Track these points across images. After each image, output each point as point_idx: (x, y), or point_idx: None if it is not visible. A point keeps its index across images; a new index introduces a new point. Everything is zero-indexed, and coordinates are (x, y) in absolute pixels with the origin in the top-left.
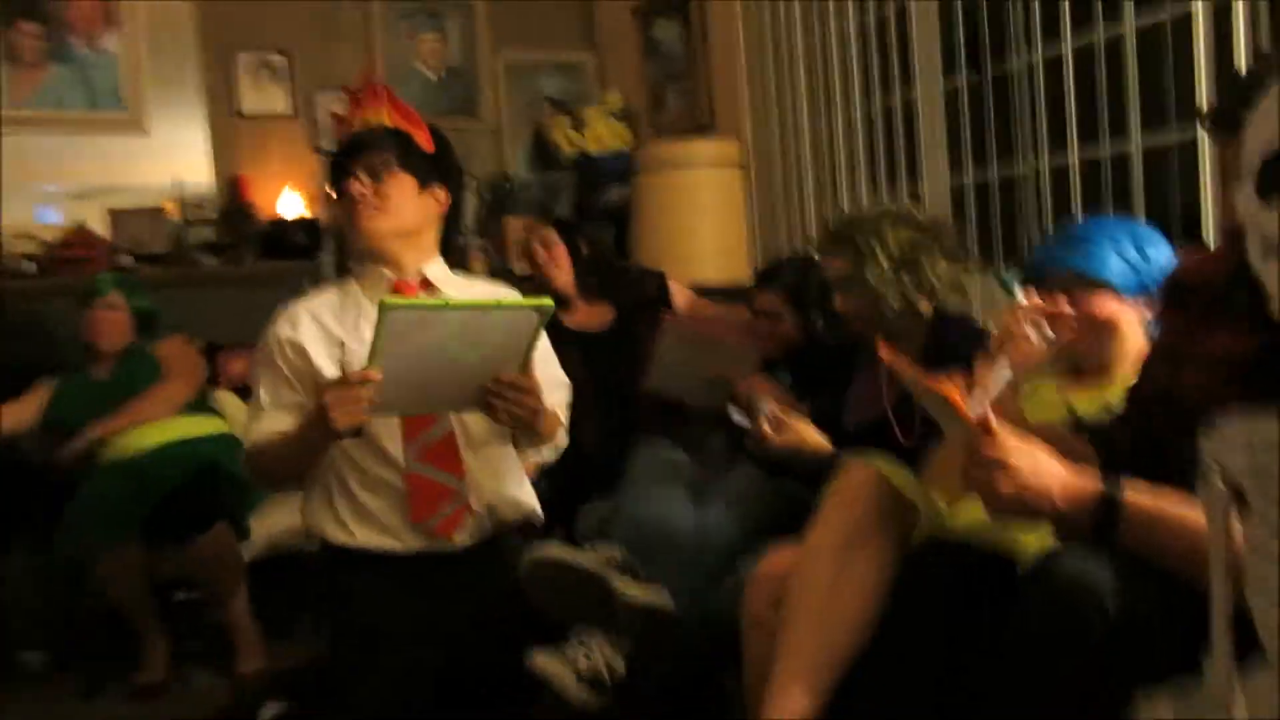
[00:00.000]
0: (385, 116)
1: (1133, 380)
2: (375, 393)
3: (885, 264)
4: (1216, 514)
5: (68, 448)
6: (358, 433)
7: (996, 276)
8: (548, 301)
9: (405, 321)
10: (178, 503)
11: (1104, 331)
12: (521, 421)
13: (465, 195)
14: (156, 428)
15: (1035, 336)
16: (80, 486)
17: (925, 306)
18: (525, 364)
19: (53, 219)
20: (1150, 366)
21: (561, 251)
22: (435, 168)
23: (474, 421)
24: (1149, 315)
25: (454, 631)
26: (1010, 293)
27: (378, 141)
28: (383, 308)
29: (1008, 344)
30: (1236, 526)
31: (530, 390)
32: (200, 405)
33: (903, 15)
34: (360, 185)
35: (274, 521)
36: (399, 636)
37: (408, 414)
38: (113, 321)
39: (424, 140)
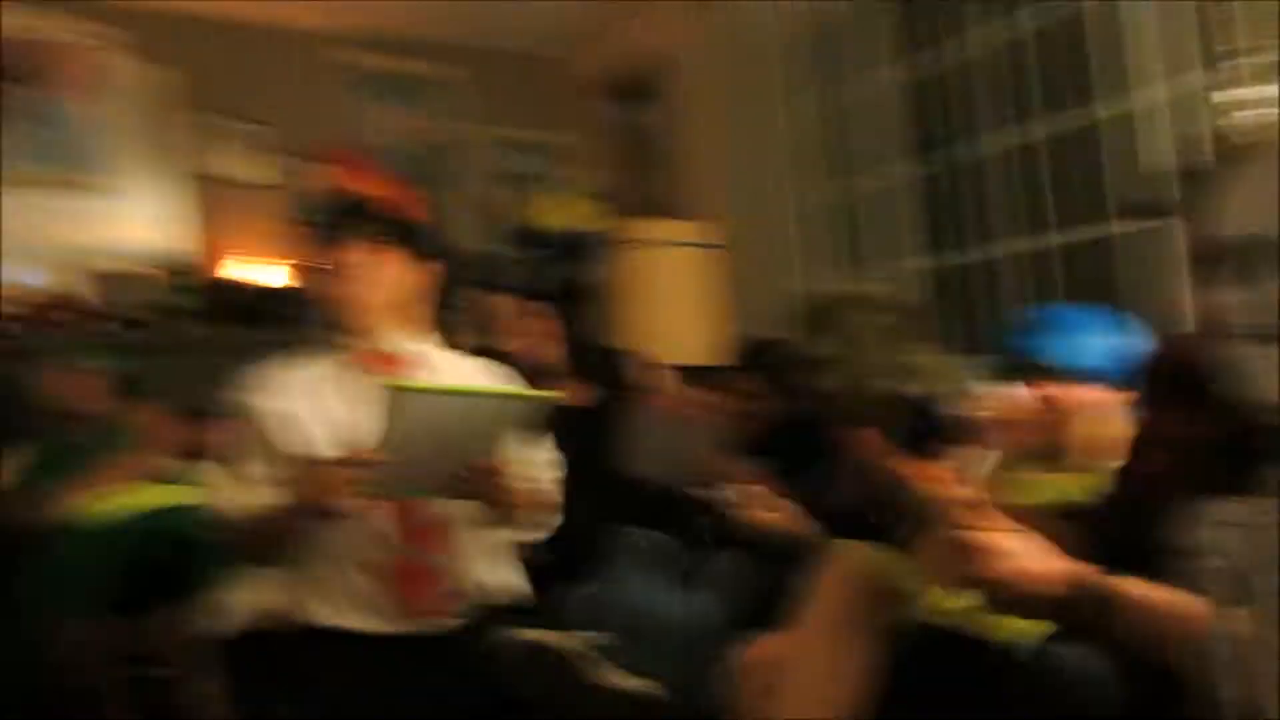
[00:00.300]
0: (376, 186)
1: (1114, 466)
2: (371, 474)
3: (872, 345)
4: (1214, 600)
5: (40, 513)
6: (352, 515)
7: (991, 368)
8: (555, 394)
9: (415, 404)
10: (149, 574)
11: (1087, 418)
12: (506, 506)
13: (456, 269)
14: (129, 495)
15: (1024, 426)
16: (48, 555)
17: (906, 391)
18: (519, 451)
19: (34, 281)
20: (1135, 448)
21: (547, 326)
22: (426, 240)
23: (463, 502)
24: (1126, 401)
25: (436, 716)
26: (998, 383)
27: (358, 211)
28: (390, 389)
29: (997, 432)
30: (1241, 614)
31: (508, 475)
32: (178, 474)
33: (874, 98)
34: (352, 256)
35: (248, 597)
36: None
37: (404, 496)
38: (89, 385)
39: (415, 211)
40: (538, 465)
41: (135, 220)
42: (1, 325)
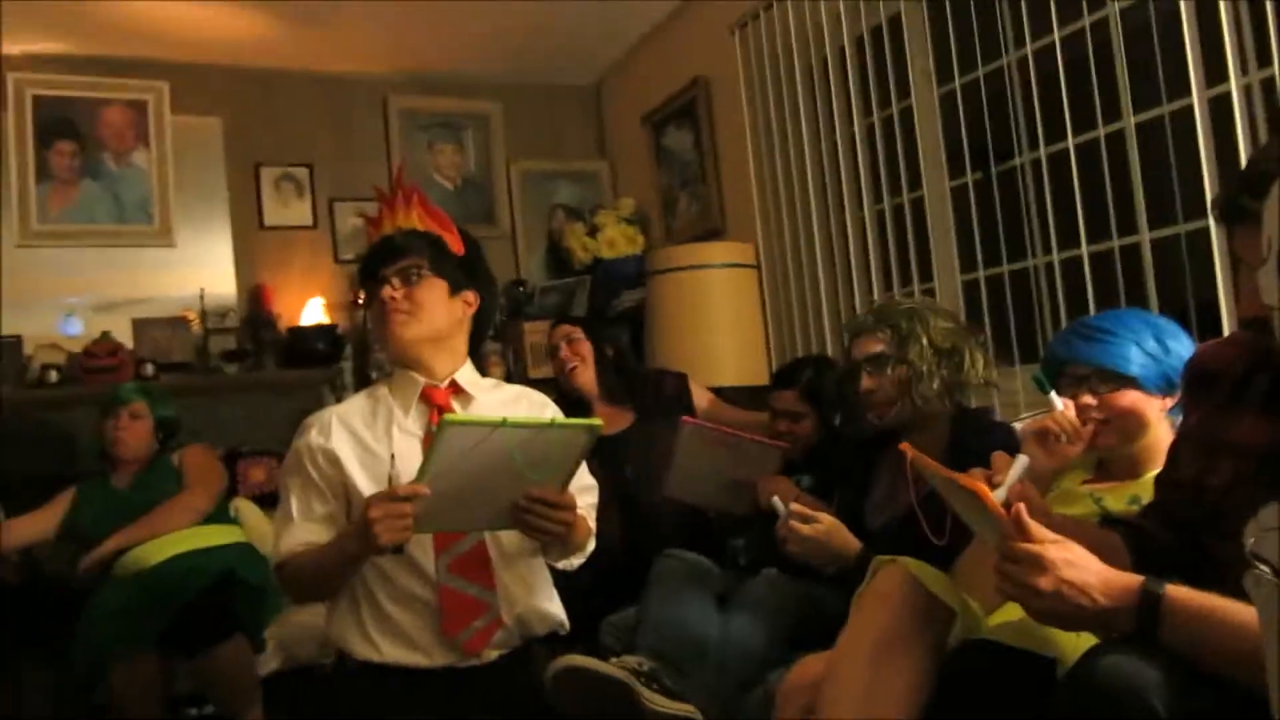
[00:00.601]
0: (416, 220)
1: (1158, 473)
2: (421, 508)
3: (928, 349)
4: (1268, 609)
5: (87, 558)
6: (399, 549)
7: (1035, 379)
8: (598, 422)
9: (463, 437)
10: (194, 614)
11: (1128, 426)
12: (555, 537)
13: (495, 299)
14: (175, 537)
15: (1071, 437)
16: (97, 597)
17: (951, 401)
18: (566, 482)
19: (75, 330)
20: (1177, 455)
21: (586, 349)
22: (466, 271)
23: (505, 533)
24: (1169, 405)
25: None
26: (1045, 393)
27: (410, 246)
28: (442, 424)
29: (1045, 443)
30: None
31: (568, 507)
32: (219, 514)
33: (907, 116)
34: (392, 290)
35: (288, 634)
36: None
37: (451, 530)
38: (135, 430)
39: (455, 243)
40: (577, 491)
41: (178, 267)
42: (48, 375)
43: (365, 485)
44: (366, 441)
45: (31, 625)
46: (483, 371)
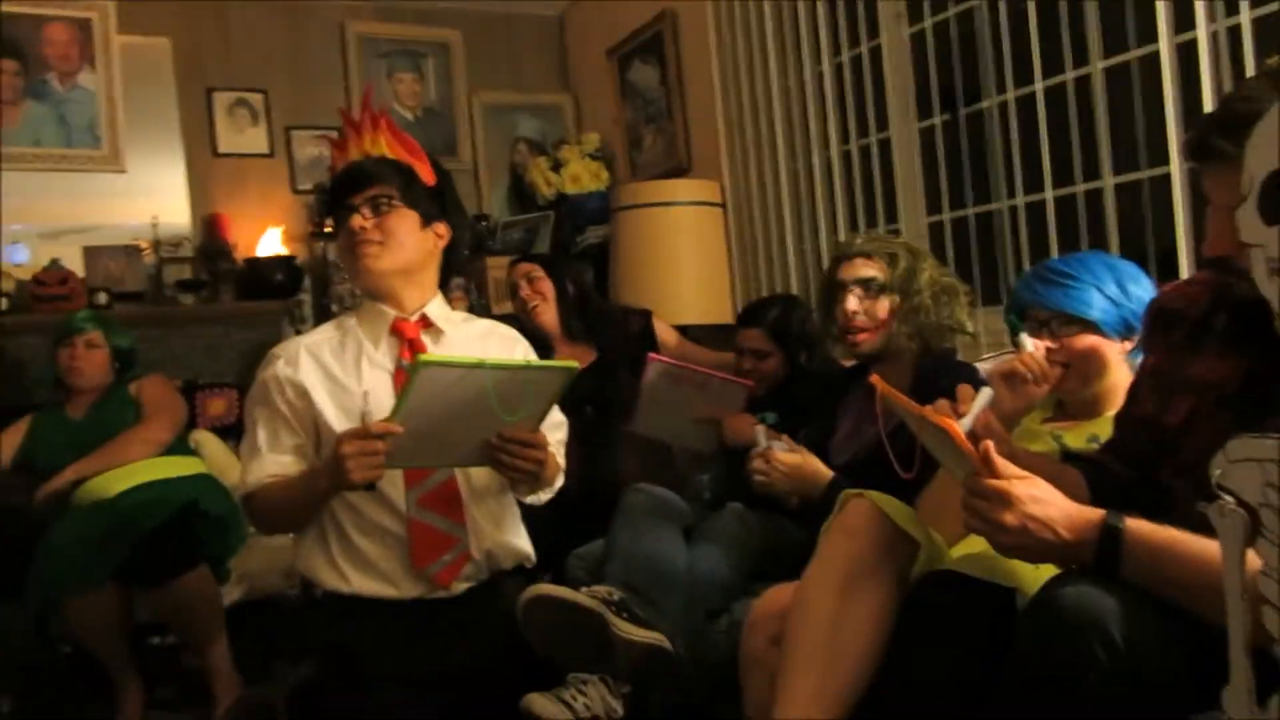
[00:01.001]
0: (385, 146)
1: (1117, 412)
2: (394, 445)
3: (928, 285)
4: (1231, 539)
5: (43, 489)
6: (371, 486)
7: (1008, 322)
8: (573, 364)
9: (438, 379)
10: (156, 545)
11: (1088, 367)
12: (527, 475)
13: (465, 232)
14: (134, 468)
15: (1039, 379)
16: (53, 529)
17: (920, 341)
18: (539, 421)
19: (22, 258)
20: (1136, 393)
21: (548, 288)
22: (437, 202)
23: (475, 469)
24: (1129, 348)
25: (450, 676)
26: (1016, 335)
27: (380, 174)
28: (418, 364)
29: (1012, 384)
30: (1251, 553)
31: (540, 446)
32: (179, 445)
33: (876, 56)
34: (363, 220)
35: (252, 564)
36: (394, 682)
37: (421, 467)
38: (91, 360)
39: (426, 173)
40: (548, 428)
41: (130, 194)
42: (14, 302)
43: (334, 418)
44: (336, 374)
45: None
46: (455, 305)
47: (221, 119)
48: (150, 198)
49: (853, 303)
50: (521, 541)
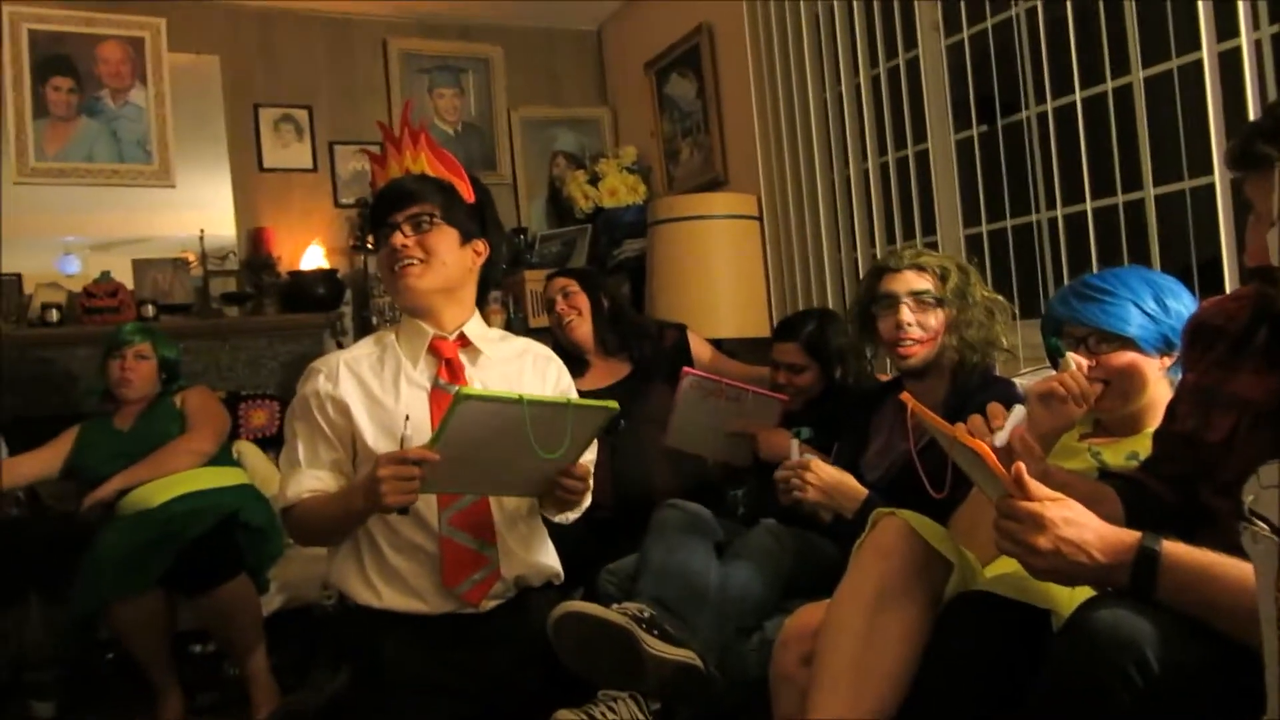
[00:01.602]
0: (425, 163)
1: (1156, 429)
2: (429, 471)
3: (981, 301)
4: (1265, 565)
5: (90, 497)
6: (405, 510)
7: (1050, 344)
8: (614, 405)
9: (477, 412)
10: (198, 554)
11: (1127, 384)
12: (568, 505)
13: (503, 249)
14: (179, 478)
15: (1078, 400)
16: (99, 536)
17: (962, 356)
18: (578, 457)
19: (74, 269)
20: (1176, 410)
21: (583, 302)
22: (476, 220)
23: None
24: (1168, 364)
25: (480, 690)
26: (1058, 354)
27: (421, 192)
28: (458, 397)
29: (1049, 403)
30: None
31: (581, 476)
32: (222, 456)
33: (913, 68)
34: (404, 238)
35: (292, 574)
36: (423, 696)
37: (457, 492)
38: (140, 371)
39: (465, 190)
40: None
41: (177, 208)
42: (64, 314)
43: (372, 435)
44: (374, 391)
45: (36, 562)
46: (492, 321)
47: (267, 134)
48: (198, 211)
49: (905, 315)
50: (551, 560)
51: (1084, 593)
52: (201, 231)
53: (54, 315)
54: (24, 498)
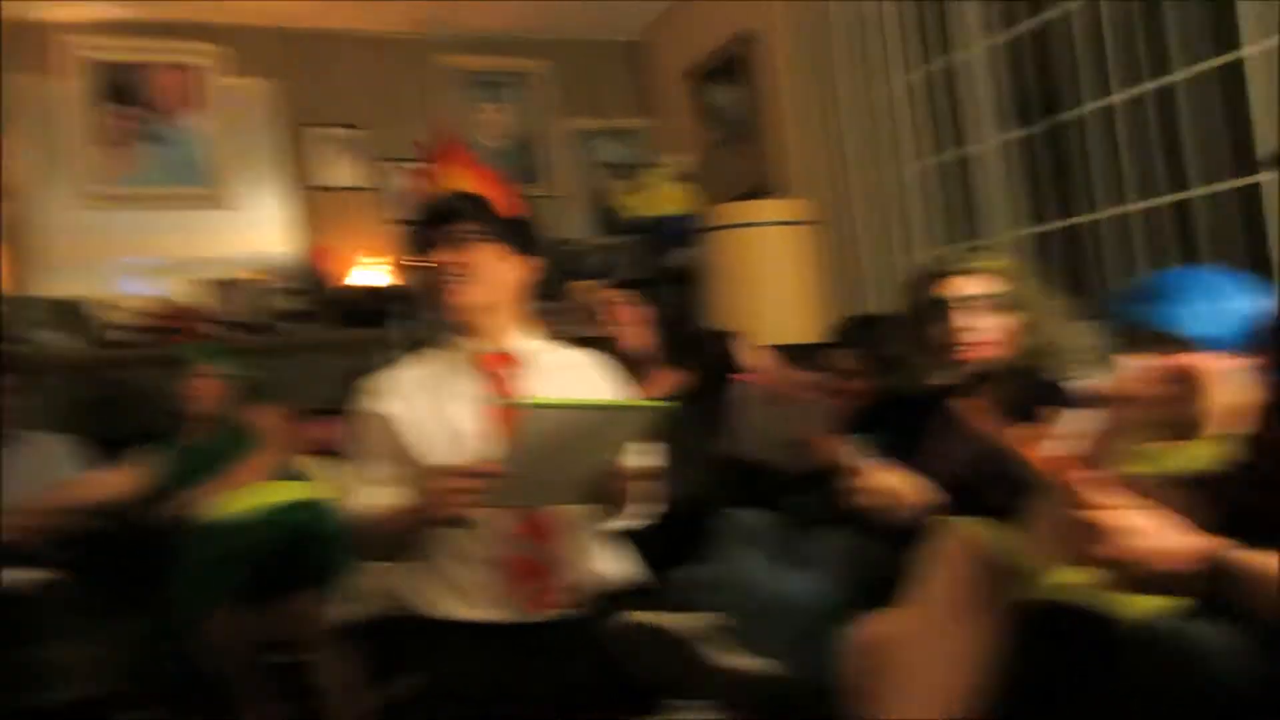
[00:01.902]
0: (467, 180)
1: (1244, 434)
2: (491, 485)
3: (1038, 302)
4: None
5: (168, 513)
6: (463, 524)
7: (1103, 345)
8: (673, 405)
9: (545, 420)
10: (269, 567)
11: (1186, 387)
12: (614, 504)
13: (545, 263)
14: (250, 493)
15: (1148, 396)
16: (184, 550)
17: (1025, 360)
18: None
19: (136, 290)
20: (1269, 417)
21: (632, 312)
22: (518, 235)
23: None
24: (1234, 365)
25: (543, 700)
26: (1110, 356)
27: (462, 208)
28: (527, 407)
29: (1121, 403)
30: None
31: (624, 478)
32: (288, 471)
33: (957, 70)
34: (445, 256)
35: (359, 586)
36: (489, 706)
37: (517, 505)
38: (209, 389)
39: (508, 205)
40: (642, 453)
41: (234, 229)
42: (130, 335)
43: (425, 451)
44: (425, 407)
45: (125, 575)
46: (548, 334)
47: (318, 154)
48: (254, 231)
49: (965, 319)
50: (612, 568)
51: (1156, 600)
52: (259, 251)
53: (121, 335)
54: (106, 513)
